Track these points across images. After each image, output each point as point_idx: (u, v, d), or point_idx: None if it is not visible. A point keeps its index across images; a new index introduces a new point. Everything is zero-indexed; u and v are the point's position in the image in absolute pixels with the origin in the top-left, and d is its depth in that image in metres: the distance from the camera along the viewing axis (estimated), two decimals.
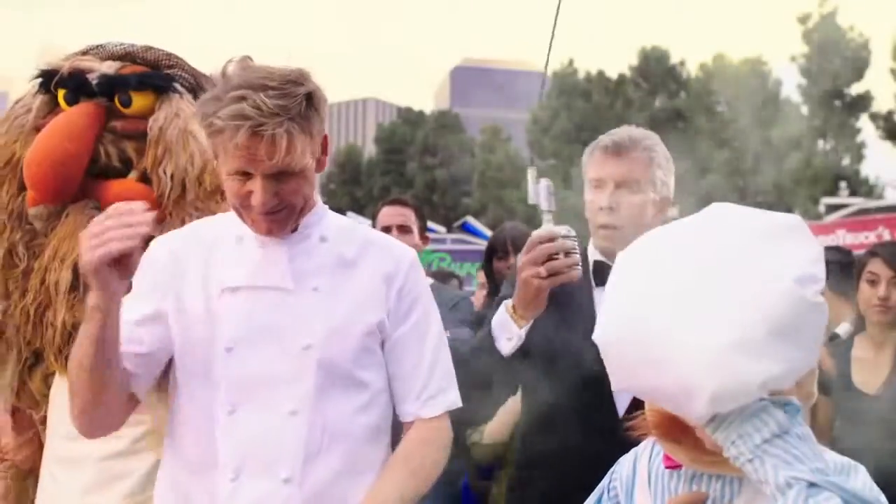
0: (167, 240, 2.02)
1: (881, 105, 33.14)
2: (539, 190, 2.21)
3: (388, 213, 3.76)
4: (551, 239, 2.13)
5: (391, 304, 1.96)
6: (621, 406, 2.27)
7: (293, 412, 1.84)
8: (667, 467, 1.54)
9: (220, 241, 1.97)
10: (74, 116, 2.36)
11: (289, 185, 1.83)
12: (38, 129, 2.38)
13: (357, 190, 47.22)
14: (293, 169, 1.81)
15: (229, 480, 1.82)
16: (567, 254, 2.12)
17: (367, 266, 1.97)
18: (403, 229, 3.68)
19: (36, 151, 2.32)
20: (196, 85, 2.50)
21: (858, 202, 25.68)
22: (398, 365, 1.97)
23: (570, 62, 39.30)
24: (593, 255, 2.44)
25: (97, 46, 2.49)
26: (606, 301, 1.47)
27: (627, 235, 2.34)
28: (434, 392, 1.98)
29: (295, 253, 1.92)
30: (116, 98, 2.40)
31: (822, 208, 25.57)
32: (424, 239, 3.85)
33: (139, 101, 2.40)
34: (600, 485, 1.69)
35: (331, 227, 1.99)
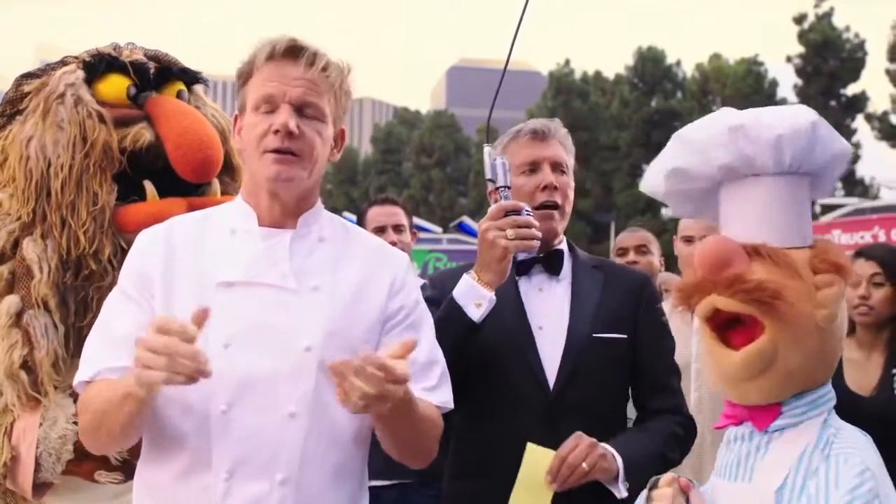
0: (155, 232, 1.94)
1: (877, 106, 33.24)
2: (496, 167, 2.24)
3: (382, 213, 3.74)
4: (517, 210, 2.18)
5: (390, 309, 1.93)
6: (549, 385, 2.28)
7: (292, 414, 1.79)
8: (715, 427, 1.72)
9: (212, 233, 1.92)
10: (183, 104, 2.51)
11: (310, 126, 1.85)
12: (118, 118, 2.39)
13: (353, 190, 47.17)
14: (315, 107, 1.85)
15: (223, 480, 1.76)
16: (530, 227, 2.17)
17: (365, 268, 1.94)
18: (398, 228, 3.69)
19: (197, 134, 2.39)
20: None
21: (854, 202, 25.75)
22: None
23: (567, 62, 39.30)
24: None
25: (124, 46, 2.55)
26: None
27: (561, 217, 2.40)
28: (431, 386, 1.92)
29: (294, 251, 1.89)
30: (184, 88, 2.55)
31: (817, 208, 25.60)
32: (413, 235, 3.87)
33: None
34: None
35: (326, 226, 1.97)
